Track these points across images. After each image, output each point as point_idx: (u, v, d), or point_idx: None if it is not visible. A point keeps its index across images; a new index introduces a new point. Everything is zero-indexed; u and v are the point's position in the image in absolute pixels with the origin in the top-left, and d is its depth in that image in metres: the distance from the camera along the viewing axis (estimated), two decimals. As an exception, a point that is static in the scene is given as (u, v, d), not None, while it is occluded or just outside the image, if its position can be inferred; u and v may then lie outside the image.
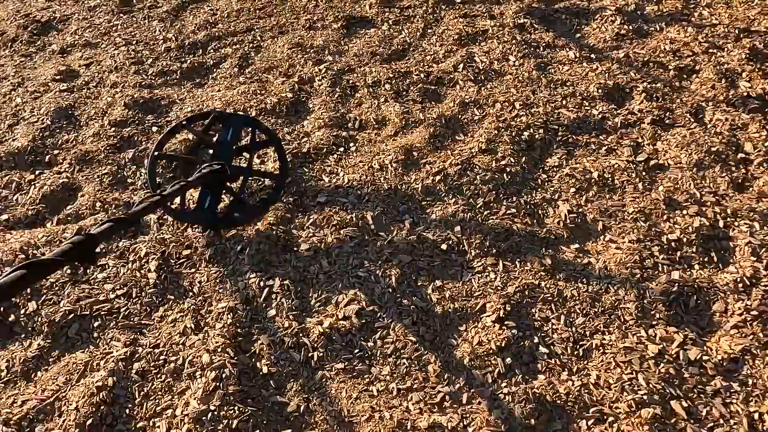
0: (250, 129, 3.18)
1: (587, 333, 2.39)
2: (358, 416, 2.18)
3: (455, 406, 2.19)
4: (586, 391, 2.20)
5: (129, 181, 3.29)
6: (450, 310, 2.49)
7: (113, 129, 3.60)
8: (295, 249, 2.78)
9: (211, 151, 3.09)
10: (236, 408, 2.19)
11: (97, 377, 2.33)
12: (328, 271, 2.67)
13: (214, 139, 3.17)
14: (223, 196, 3.01)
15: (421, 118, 3.44)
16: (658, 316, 2.41)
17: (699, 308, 2.45)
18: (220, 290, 2.64)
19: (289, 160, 3.23)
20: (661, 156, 3.11)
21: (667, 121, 3.32)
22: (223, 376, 2.28)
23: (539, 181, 3.03)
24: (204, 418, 2.17)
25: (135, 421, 2.22)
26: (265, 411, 2.22)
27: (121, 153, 3.45)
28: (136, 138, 3.54)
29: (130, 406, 2.26)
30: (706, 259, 2.62)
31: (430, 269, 2.65)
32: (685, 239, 2.68)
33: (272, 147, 3.25)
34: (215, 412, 2.18)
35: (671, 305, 2.45)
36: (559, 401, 2.17)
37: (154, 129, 3.60)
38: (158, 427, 2.18)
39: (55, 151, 3.50)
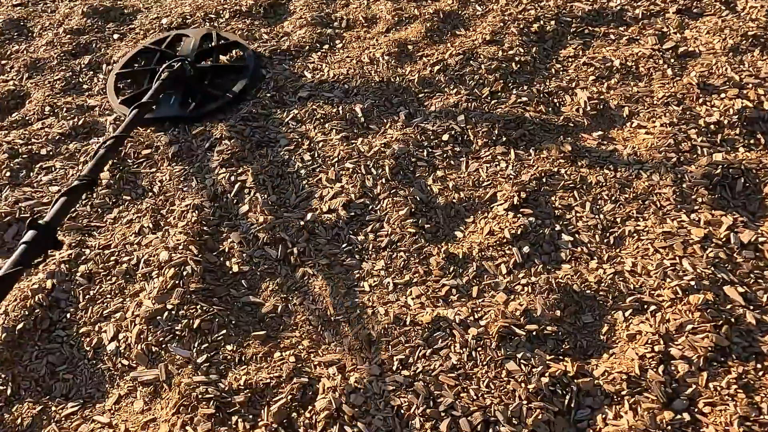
0: (213, 35, 2.90)
1: (618, 220, 2.01)
2: (347, 314, 1.80)
3: (463, 299, 1.82)
4: (620, 279, 1.83)
5: (85, 86, 2.88)
6: (454, 200, 2.11)
7: (69, 37, 3.18)
8: (272, 145, 2.39)
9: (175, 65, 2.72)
10: (198, 307, 1.81)
11: (33, 280, 1.94)
12: (311, 164, 2.29)
13: (177, 50, 2.84)
14: (191, 97, 2.62)
15: (416, 14, 3.04)
16: (700, 200, 2.04)
17: (747, 191, 2.07)
18: (185, 188, 2.26)
19: (266, 56, 2.84)
20: (691, 43, 2.72)
21: (695, 11, 2.93)
22: (184, 273, 1.90)
23: (553, 70, 2.64)
24: (159, 317, 1.79)
25: (77, 326, 1.84)
26: (234, 311, 1.84)
27: (77, 59, 3.04)
28: (94, 45, 3.13)
29: (72, 310, 1.88)
30: (751, 141, 2.24)
31: (430, 160, 2.27)
32: (726, 121, 2.30)
33: (237, 49, 2.88)
34: (173, 312, 1.80)
35: (715, 188, 2.08)
36: (588, 291, 1.80)
37: (116, 36, 3.19)
38: (105, 331, 1.80)
39: (3, 61, 3.09)
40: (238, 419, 1.54)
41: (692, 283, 1.77)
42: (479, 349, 1.65)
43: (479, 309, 1.76)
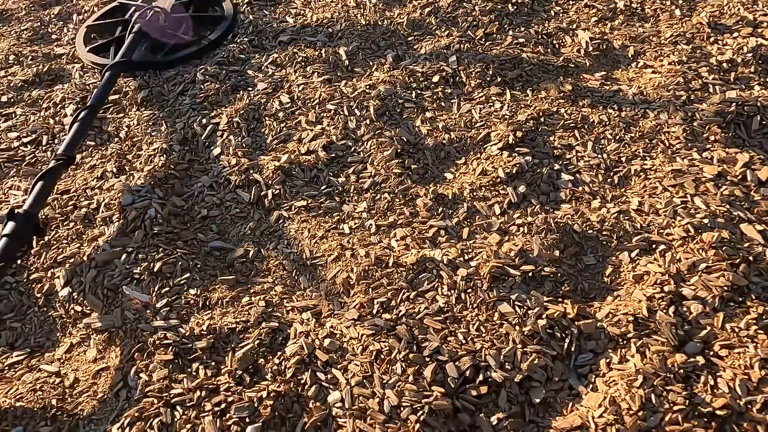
0: None
1: (623, 159, 1.84)
2: (324, 256, 1.64)
3: (452, 240, 1.65)
4: (626, 218, 1.66)
5: (53, 37, 2.70)
6: (444, 141, 1.94)
7: (39, -12, 3.02)
8: (249, 88, 2.22)
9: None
10: (161, 250, 1.64)
11: (-17, 225, 1.78)
12: (289, 107, 2.11)
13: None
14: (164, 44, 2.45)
15: (407, -40, 2.86)
16: (712, 138, 1.87)
17: (765, 129, 1.90)
18: (153, 133, 2.08)
19: (245, 1, 2.66)
20: (700, -15, 2.54)
21: (703, -47, 2.75)
22: (147, 217, 1.73)
23: (552, 12, 2.46)
24: (117, 260, 1.63)
25: (28, 272, 1.68)
26: (201, 255, 1.67)
27: (46, 10, 2.87)
28: (65, -4, 2.96)
29: (23, 256, 1.72)
30: (767, 80, 2.07)
31: (418, 102, 2.09)
32: (740, 60, 2.12)
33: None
34: (132, 255, 1.63)
35: (729, 127, 1.90)
36: (590, 231, 1.63)
37: (89, -14, 3.01)
38: (58, 276, 1.63)
39: (-31, 14, 2.92)
40: (198, 366, 1.38)
41: (705, 221, 1.60)
42: (469, 291, 1.48)
43: (470, 250, 1.59)
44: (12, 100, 2.30)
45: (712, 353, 1.35)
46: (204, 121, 2.07)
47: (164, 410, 1.29)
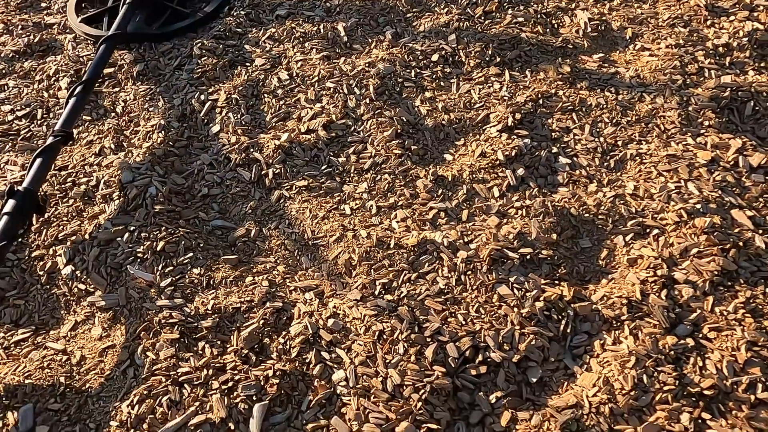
0: None
1: (619, 143, 1.86)
2: (326, 237, 1.65)
3: (452, 222, 1.67)
4: (621, 202, 1.69)
5: (43, 5, 2.63)
6: (444, 122, 1.94)
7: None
8: (247, 64, 2.19)
9: None
10: (163, 229, 1.65)
11: (-19, 202, 1.77)
12: (288, 84, 2.09)
13: None
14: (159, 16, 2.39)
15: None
16: (706, 123, 1.89)
17: (757, 115, 1.93)
18: (150, 108, 2.06)
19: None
20: (699, -34, 2.53)
21: (702, -67, 2.73)
22: (147, 195, 1.73)
23: (551, -8, 2.45)
24: (119, 239, 1.63)
25: (30, 250, 1.67)
26: (203, 235, 1.68)
27: (34, -24, 2.78)
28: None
29: (24, 234, 1.71)
30: (762, 65, 2.08)
31: (417, 81, 2.08)
32: (735, 44, 2.13)
33: None
34: (134, 233, 1.63)
35: (723, 112, 1.93)
36: (587, 215, 1.67)
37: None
38: (59, 255, 1.64)
39: (-46, -22, 2.82)
40: (204, 345, 1.40)
41: (698, 206, 1.64)
42: (469, 273, 1.51)
43: (469, 232, 1.62)
44: (3, 71, 2.25)
45: (701, 335, 1.40)
46: (202, 97, 2.05)
47: (172, 388, 1.31)
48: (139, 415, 1.27)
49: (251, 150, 1.85)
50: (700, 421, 1.25)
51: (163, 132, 1.93)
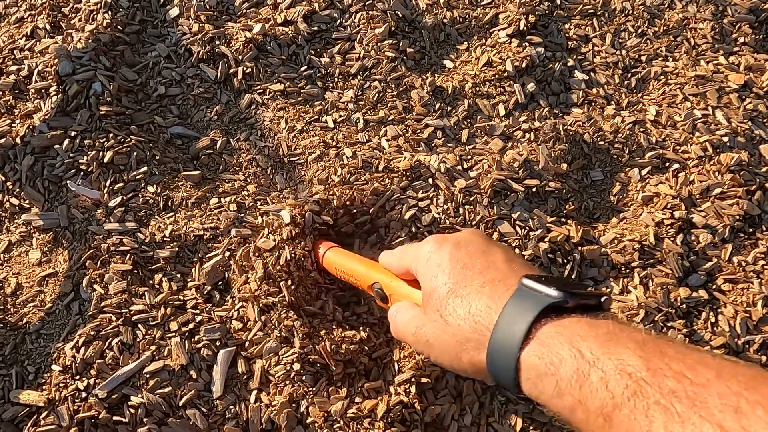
0: None
1: (643, 58, 1.60)
2: (304, 154, 1.40)
3: (450, 144, 1.43)
4: (641, 130, 1.46)
5: None
6: (445, 20, 1.62)
7: None
8: (212, -69, 1.78)
9: None
10: (111, 136, 1.36)
11: None
12: (263, -39, 1.71)
13: None
14: None
15: None
16: (741, 40, 1.63)
17: (798, 33, 1.67)
18: (94, -19, 1.67)
19: None
20: None
21: None
22: (92, 93, 1.41)
23: None
24: (58, 146, 1.34)
25: (-51, 153, 1.39)
26: (160, 144, 1.40)
27: None
28: None
29: (-58, 132, 1.41)
30: (809, -27, 1.79)
31: (416, -33, 1.73)
32: (782, -56, 1.82)
33: None
34: (76, 140, 1.34)
35: (761, 27, 1.66)
36: (602, 142, 1.44)
37: None
38: (-14, 160, 1.36)
39: None
40: (162, 278, 1.18)
41: (725, 139, 1.43)
42: (467, 205, 1.29)
43: (469, 157, 1.38)
44: None
45: (714, 287, 1.25)
46: (157, -29, 1.66)
47: (124, 329, 1.11)
48: (86, 359, 1.08)
49: (217, 42, 1.52)
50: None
51: (110, 12, 1.57)
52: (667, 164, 1.40)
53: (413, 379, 1.09)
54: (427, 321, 0.73)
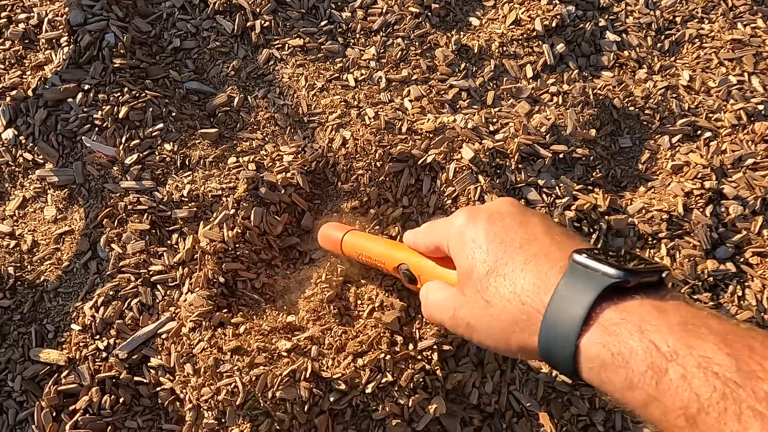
0: None
1: (677, 20, 1.51)
2: (324, 113, 1.33)
3: (476, 106, 1.36)
4: (673, 95, 1.39)
5: None
6: (472, -26, 1.52)
7: None
8: None
9: None
10: (126, 90, 1.30)
11: None
12: None
13: None
14: None
15: None
16: (782, 2, 1.53)
17: (840, -3, 1.57)
18: (104, -76, 1.56)
19: None
20: None
21: None
22: (105, 44, 1.34)
23: None
24: (71, 99, 1.27)
25: (-40, 104, 1.32)
26: (176, 100, 1.33)
27: None
28: None
29: (-49, 82, 1.34)
30: None
31: None
32: None
33: None
34: (90, 93, 1.27)
35: (802, -11, 1.56)
36: (632, 108, 1.37)
37: None
38: (-2, 113, 1.30)
39: None
40: (179, 238, 1.15)
41: (760, 107, 1.35)
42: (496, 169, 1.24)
43: (495, 120, 1.31)
44: None
45: (743, 260, 1.21)
46: None
47: (143, 289, 1.08)
48: (105, 319, 1.05)
49: (233, -7, 1.43)
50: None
51: (120, -41, 1.47)
52: (699, 132, 1.33)
53: (435, 346, 1.06)
54: (466, 302, 0.67)
